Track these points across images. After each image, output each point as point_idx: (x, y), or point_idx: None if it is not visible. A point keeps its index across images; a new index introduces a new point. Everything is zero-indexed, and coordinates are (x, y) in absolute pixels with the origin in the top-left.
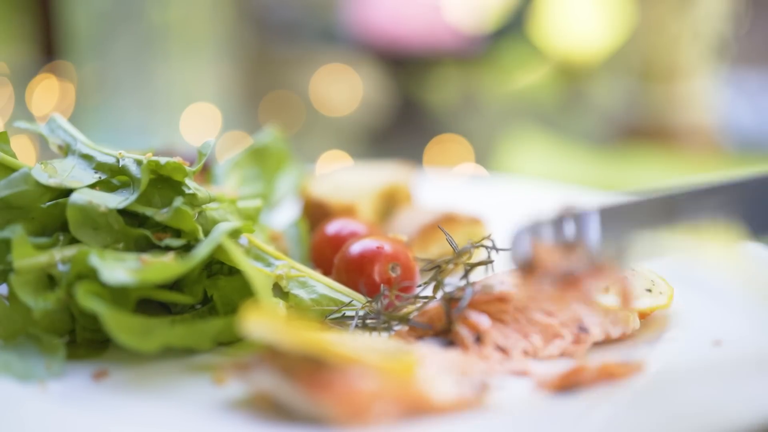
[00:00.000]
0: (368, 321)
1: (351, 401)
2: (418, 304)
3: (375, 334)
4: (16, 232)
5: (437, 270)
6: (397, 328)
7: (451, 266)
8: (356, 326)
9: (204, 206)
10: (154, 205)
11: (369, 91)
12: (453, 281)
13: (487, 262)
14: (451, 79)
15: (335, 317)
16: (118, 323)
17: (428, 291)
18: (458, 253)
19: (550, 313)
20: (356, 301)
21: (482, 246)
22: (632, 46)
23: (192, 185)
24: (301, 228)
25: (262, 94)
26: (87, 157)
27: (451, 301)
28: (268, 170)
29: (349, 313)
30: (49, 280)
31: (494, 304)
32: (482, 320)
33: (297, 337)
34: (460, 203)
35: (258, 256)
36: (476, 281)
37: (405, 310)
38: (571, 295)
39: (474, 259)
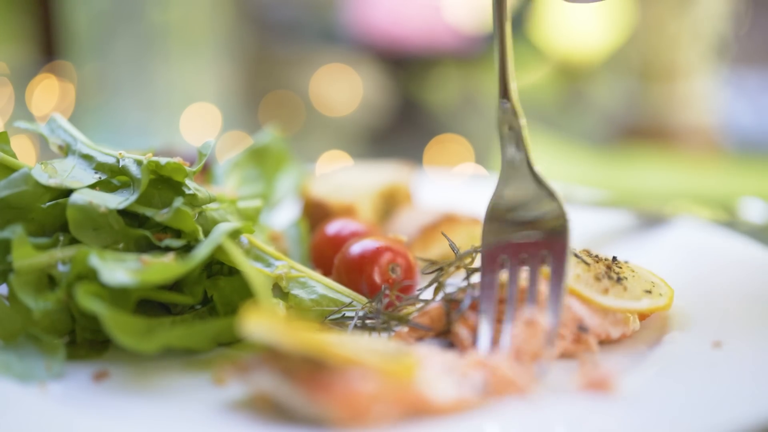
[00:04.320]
0: (368, 321)
1: (351, 402)
2: (418, 305)
3: (375, 334)
4: (16, 232)
5: (439, 272)
6: (396, 328)
7: (452, 269)
8: (356, 326)
9: (204, 206)
10: (154, 206)
11: (369, 91)
12: (454, 282)
13: None
14: (451, 79)
15: (335, 318)
16: (118, 324)
17: (429, 292)
18: (460, 257)
19: None
20: (356, 301)
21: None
22: (632, 46)
23: (192, 185)
24: (301, 228)
25: (262, 94)
26: (87, 157)
27: (451, 302)
28: (268, 170)
29: (349, 314)
30: (49, 280)
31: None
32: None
33: (297, 338)
34: (460, 203)
35: (258, 256)
36: (477, 283)
37: (405, 311)
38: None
39: (475, 262)
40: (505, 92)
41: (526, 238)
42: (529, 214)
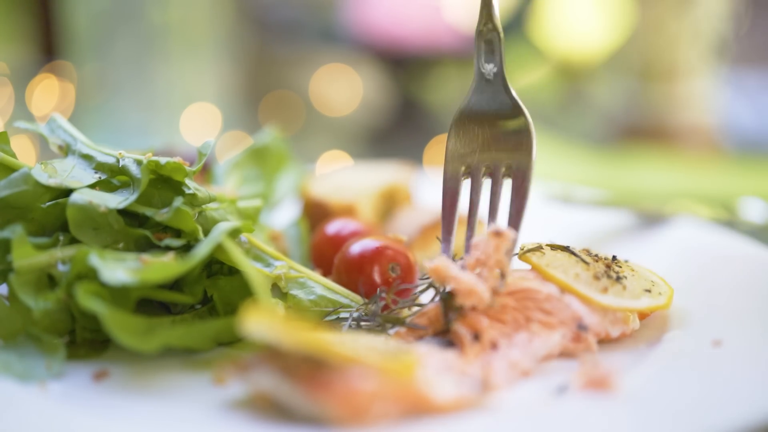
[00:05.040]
0: (363, 323)
1: (351, 401)
2: (416, 309)
3: (370, 336)
4: (16, 232)
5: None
6: (392, 331)
7: None
8: (350, 327)
9: (204, 206)
10: (154, 205)
11: (369, 91)
12: None
13: None
14: (451, 79)
15: (333, 318)
16: (118, 323)
17: (427, 290)
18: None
19: (548, 312)
20: (354, 302)
21: None
22: (632, 46)
23: (192, 185)
24: (301, 228)
25: (262, 94)
26: (87, 157)
27: (449, 303)
28: (268, 170)
29: (345, 314)
30: (49, 280)
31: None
32: (481, 320)
33: (297, 337)
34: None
35: (257, 256)
36: None
37: (401, 314)
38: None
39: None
40: (487, 17)
41: (491, 148)
42: (495, 127)
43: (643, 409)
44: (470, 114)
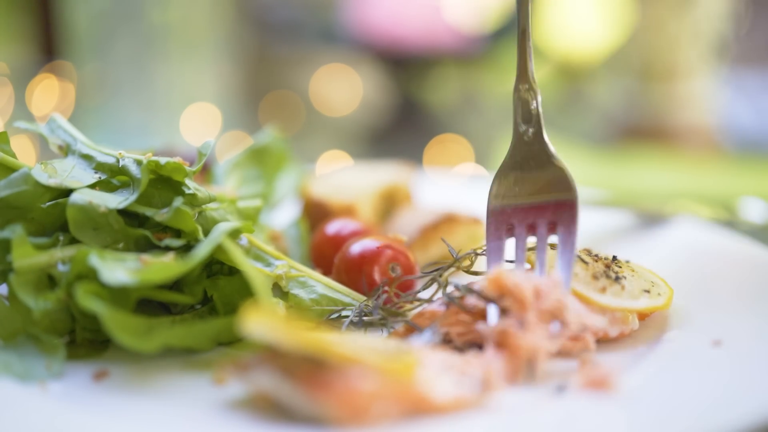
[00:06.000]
0: (365, 318)
1: (351, 401)
2: (416, 304)
3: (372, 330)
4: (16, 232)
5: (437, 272)
6: (394, 325)
7: (451, 269)
8: (353, 322)
9: (204, 206)
10: (154, 206)
11: (369, 91)
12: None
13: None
14: (451, 79)
15: (334, 317)
16: (118, 323)
17: (426, 291)
18: (458, 259)
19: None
20: (356, 301)
21: (483, 253)
22: (632, 46)
23: (192, 185)
24: (301, 228)
25: (262, 94)
26: (87, 157)
27: (450, 303)
28: (268, 170)
29: (347, 312)
30: (49, 280)
31: None
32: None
33: (297, 337)
34: (460, 203)
35: (258, 255)
36: (476, 282)
37: (403, 308)
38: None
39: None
40: (523, 76)
41: (535, 203)
42: (536, 186)
43: (643, 409)
44: (510, 173)
